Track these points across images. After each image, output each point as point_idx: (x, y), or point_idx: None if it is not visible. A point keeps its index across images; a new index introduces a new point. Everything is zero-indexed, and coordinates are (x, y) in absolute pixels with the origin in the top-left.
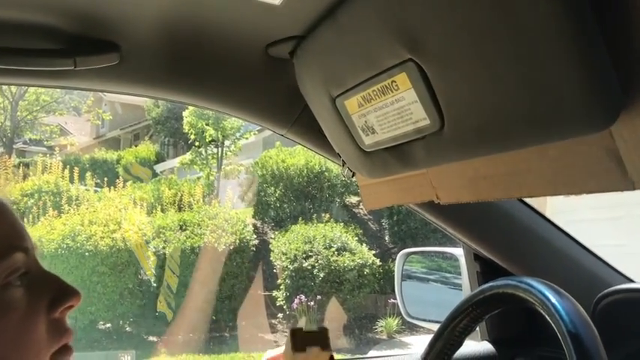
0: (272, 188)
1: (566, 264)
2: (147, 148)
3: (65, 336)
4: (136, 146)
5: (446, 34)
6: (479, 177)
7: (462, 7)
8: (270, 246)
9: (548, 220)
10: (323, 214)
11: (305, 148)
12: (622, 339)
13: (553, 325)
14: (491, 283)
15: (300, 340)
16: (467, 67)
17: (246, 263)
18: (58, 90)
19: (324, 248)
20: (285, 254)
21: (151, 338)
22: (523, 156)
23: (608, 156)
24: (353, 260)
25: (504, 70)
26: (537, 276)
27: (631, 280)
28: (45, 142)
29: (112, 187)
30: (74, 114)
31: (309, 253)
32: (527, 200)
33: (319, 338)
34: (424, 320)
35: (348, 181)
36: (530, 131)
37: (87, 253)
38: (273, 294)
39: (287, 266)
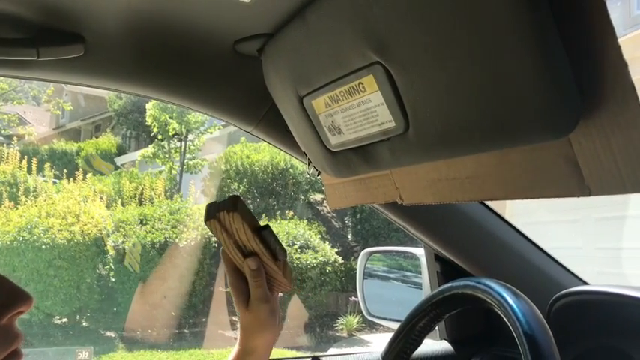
0: (236, 184)
1: (524, 266)
2: (108, 140)
3: (15, 342)
4: (97, 138)
5: (412, 38)
6: (441, 179)
7: (428, 13)
8: None
9: (508, 223)
10: (287, 211)
11: (270, 145)
12: (575, 339)
13: (509, 325)
14: (450, 284)
15: (209, 211)
16: (431, 71)
17: (208, 259)
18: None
19: (287, 245)
20: None
21: (108, 334)
22: (484, 160)
23: (566, 162)
24: (315, 258)
25: (467, 77)
26: (496, 277)
27: (585, 283)
28: (2, 132)
29: (71, 179)
30: (34, 103)
31: None
32: (488, 203)
33: (226, 204)
34: (384, 319)
35: (313, 179)
36: (491, 136)
37: (44, 246)
38: None
39: None
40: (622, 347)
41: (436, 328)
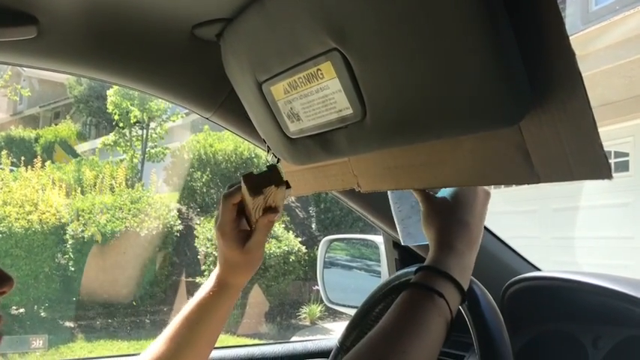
0: (199, 173)
1: (478, 252)
2: (68, 128)
3: None
4: (56, 125)
5: (369, 25)
6: (398, 166)
7: (385, 1)
8: (195, 232)
9: None
10: None
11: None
12: (527, 324)
13: (462, 310)
14: (405, 270)
15: (254, 184)
16: (388, 59)
17: (170, 249)
18: None
19: None
20: (211, 240)
21: (67, 324)
22: (440, 147)
23: (517, 150)
24: (279, 247)
25: (423, 65)
26: None
27: (538, 269)
28: None
29: (29, 167)
30: None
31: None
32: None
33: (272, 177)
34: (344, 306)
35: None
36: (445, 124)
37: (0, 235)
38: (197, 280)
39: (212, 252)
40: (572, 332)
41: None
